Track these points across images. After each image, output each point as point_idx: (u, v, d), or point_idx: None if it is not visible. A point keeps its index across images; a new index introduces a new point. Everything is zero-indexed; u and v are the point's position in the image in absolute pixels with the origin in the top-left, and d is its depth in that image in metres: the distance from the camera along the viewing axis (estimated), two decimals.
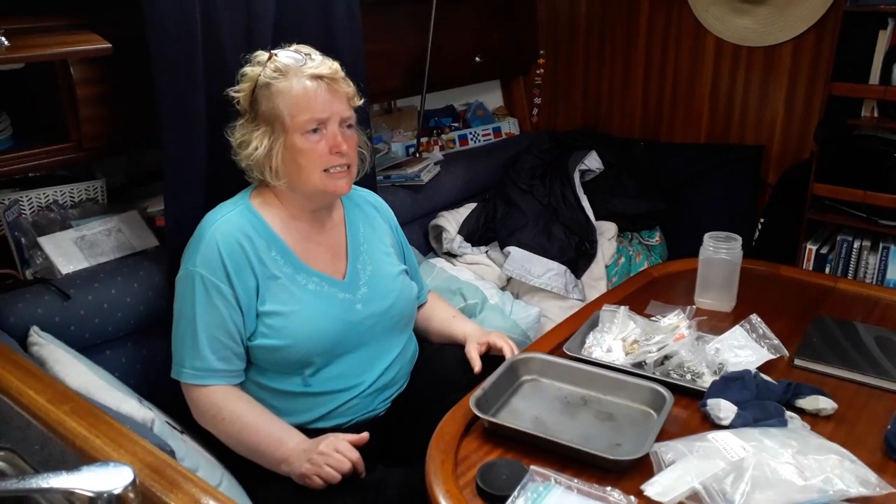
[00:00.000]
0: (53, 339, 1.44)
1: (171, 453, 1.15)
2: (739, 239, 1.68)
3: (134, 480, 0.74)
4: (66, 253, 1.62)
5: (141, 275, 1.64)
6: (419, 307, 1.73)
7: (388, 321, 1.55)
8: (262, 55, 1.46)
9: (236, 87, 1.47)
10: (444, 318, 1.73)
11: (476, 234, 2.42)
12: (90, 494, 0.72)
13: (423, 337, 1.74)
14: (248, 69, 1.46)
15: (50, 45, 1.37)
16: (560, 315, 2.13)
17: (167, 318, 1.55)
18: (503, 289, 2.32)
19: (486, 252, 2.41)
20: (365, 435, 1.38)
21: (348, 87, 1.46)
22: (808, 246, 2.43)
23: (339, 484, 1.32)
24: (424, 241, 2.43)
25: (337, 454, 1.33)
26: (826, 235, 2.48)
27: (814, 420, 1.28)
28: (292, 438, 1.39)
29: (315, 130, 1.42)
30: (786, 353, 1.47)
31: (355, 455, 1.34)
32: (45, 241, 1.61)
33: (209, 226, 1.44)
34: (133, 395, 1.38)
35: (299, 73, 1.41)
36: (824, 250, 2.43)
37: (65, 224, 1.67)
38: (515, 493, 1.07)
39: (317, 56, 1.46)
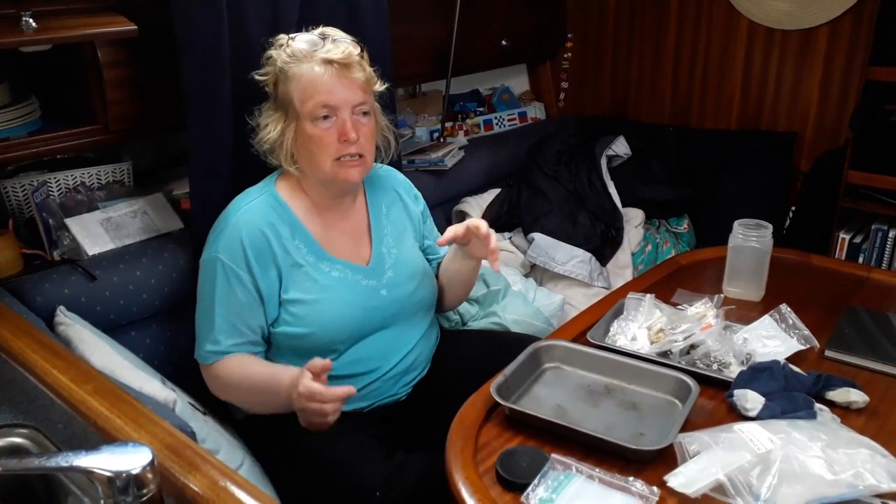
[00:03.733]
0: (79, 319, 1.46)
1: (192, 434, 1.15)
2: (770, 227, 1.64)
3: (152, 461, 0.74)
4: (93, 234, 1.63)
5: (165, 257, 1.65)
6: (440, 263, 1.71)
7: (412, 305, 1.55)
8: (282, 38, 1.45)
9: (262, 71, 1.46)
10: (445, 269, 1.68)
11: (500, 219, 2.40)
12: (108, 474, 0.73)
13: (440, 302, 1.69)
14: (272, 52, 1.45)
15: (76, 26, 1.37)
16: (584, 303, 2.11)
17: (191, 300, 1.56)
18: (527, 275, 2.30)
19: (510, 238, 2.39)
20: (327, 362, 1.30)
21: (362, 72, 1.42)
22: (841, 235, 2.38)
23: (356, 464, 1.34)
24: (448, 226, 2.38)
25: (313, 404, 1.28)
26: (860, 224, 2.42)
27: (844, 413, 1.24)
28: (283, 378, 1.35)
29: (326, 117, 1.40)
30: (816, 344, 1.44)
31: (328, 395, 1.28)
32: (73, 223, 1.62)
33: (234, 212, 1.44)
34: (156, 375, 1.40)
35: (311, 58, 1.39)
36: (857, 239, 2.37)
37: (91, 206, 1.69)
38: (536, 481, 1.06)
39: (339, 38, 1.43)
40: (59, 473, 0.89)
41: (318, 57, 1.39)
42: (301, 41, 1.41)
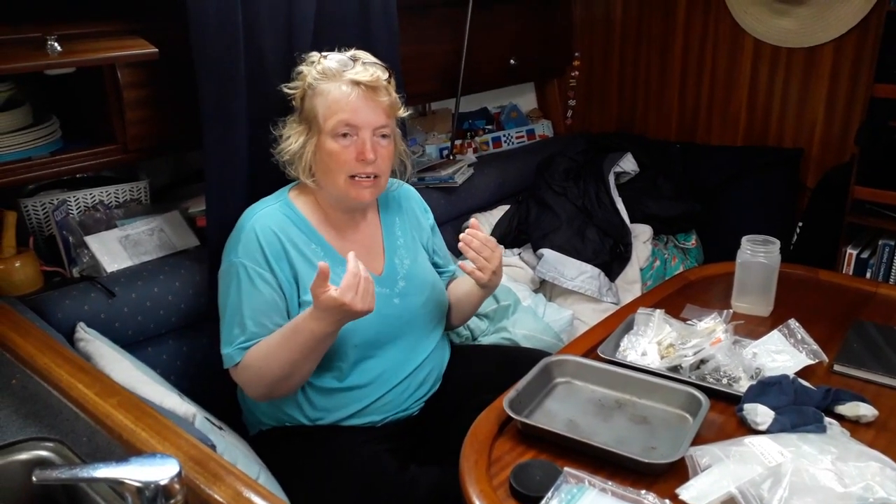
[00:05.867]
0: (99, 335, 1.49)
1: (213, 447, 1.17)
2: (778, 242, 1.66)
3: (180, 472, 0.76)
4: (111, 252, 1.66)
5: (182, 274, 1.67)
6: (451, 280, 1.73)
7: (424, 315, 1.57)
8: (314, 55, 1.49)
9: (292, 84, 1.50)
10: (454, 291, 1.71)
11: (509, 235, 2.42)
12: (138, 485, 0.75)
13: (454, 307, 1.70)
14: (303, 67, 1.50)
15: (99, 49, 1.41)
16: (593, 318, 2.12)
17: (207, 316, 1.58)
18: (536, 291, 2.32)
19: (519, 254, 2.41)
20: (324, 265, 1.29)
21: (387, 97, 1.46)
22: (848, 250, 2.39)
23: (370, 477, 1.34)
24: (457, 243, 2.43)
25: (352, 292, 1.28)
26: (867, 240, 2.43)
27: (854, 427, 1.26)
28: (298, 318, 1.36)
29: (346, 135, 1.43)
30: (825, 358, 1.45)
31: (355, 270, 1.29)
32: (92, 240, 1.65)
33: (249, 219, 1.47)
34: (174, 390, 1.42)
35: (339, 77, 1.43)
36: (865, 255, 2.39)
37: (110, 224, 1.72)
38: (549, 494, 1.07)
39: (369, 62, 1.47)
40: (85, 484, 0.91)
41: (347, 77, 1.43)
42: (332, 60, 1.46)
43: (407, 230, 1.64)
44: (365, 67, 1.45)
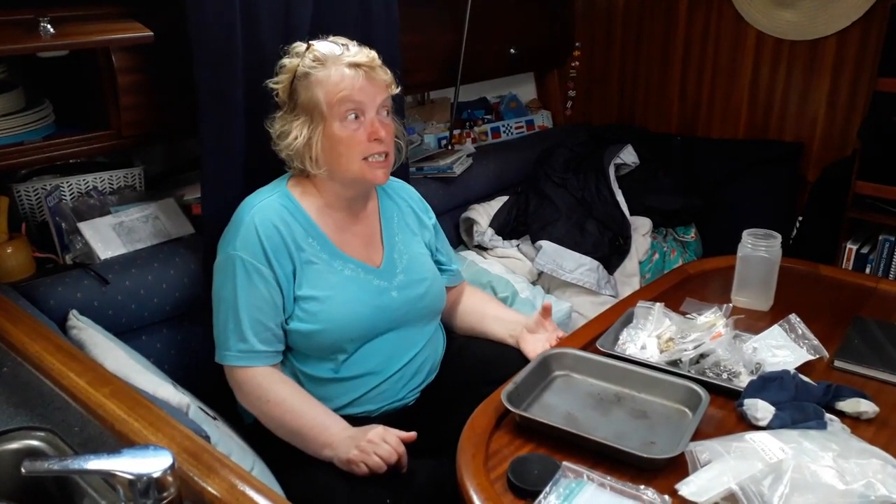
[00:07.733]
0: (92, 323, 1.47)
1: (207, 438, 1.16)
2: (779, 236, 1.65)
3: (173, 464, 0.74)
4: (105, 238, 1.64)
5: (177, 262, 1.66)
6: (451, 288, 1.73)
7: (420, 308, 1.56)
8: (299, 46, 1.47)
9: (275, 79, 1.48)
10: (481, 312, 1.73)
11: (507, 227, 2.41)
12: (130, 477, 0.73)
13: (447, 322, 1.73)
14: (286, 61, 1.47)
15: (93, 32, 1.39)
16: (592, 311, 2.11)
17: (201, 304, 1.56)
18: (534, 283, 2.31)
19: (518, 245, 2.40)
20: (413, 434, 1.38)
21: (385, 75, 1.47)
22: (849, 245, 2.38)
23: (374, 475, 1.33)
24: (455, 233, 2.42)
25: (386, 445, 1.33)
26: (867, 235, 2.43)
27: (854, 423, 1.25)
28: (336, 424, 1.40)
29: (355, 118, 1.42)
30: (825, 354, 1.44)
31: (402, 449, 1.35)
32: (85, 227, 1.63)
33: (247, 210, 1.45)
34: (168, 380, 1.40)
35: (338, 62, 1.42)
36: (865, 250, 2.38)
37: (104, 210, 1.70)
38: (547, 488, 1.06)
39: (353, 46, 1.47)
40: (77, 476, 0.89)
41: (346, 60, 1.42)
42: (325, 46, 1.44)
43: (406, 225, 1.63)
44: (360, 49, 1.45)
